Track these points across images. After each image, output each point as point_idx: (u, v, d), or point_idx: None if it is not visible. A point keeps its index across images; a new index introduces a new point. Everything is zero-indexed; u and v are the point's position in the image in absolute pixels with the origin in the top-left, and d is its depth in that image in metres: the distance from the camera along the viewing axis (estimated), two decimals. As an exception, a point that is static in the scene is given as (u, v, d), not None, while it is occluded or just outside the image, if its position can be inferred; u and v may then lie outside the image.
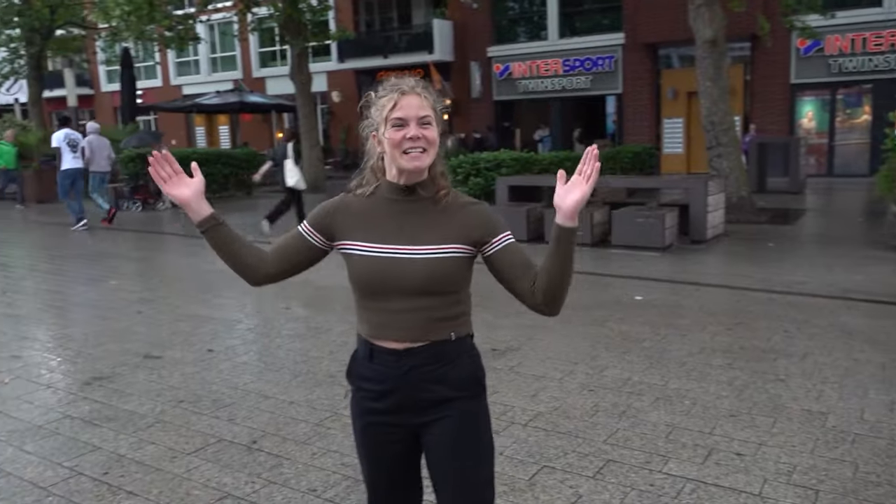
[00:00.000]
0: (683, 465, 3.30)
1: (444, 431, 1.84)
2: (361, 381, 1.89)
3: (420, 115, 1.76)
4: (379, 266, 1.79)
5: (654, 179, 13.83)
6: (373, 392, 1.87)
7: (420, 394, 1.83)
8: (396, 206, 1.82)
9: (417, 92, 1.78)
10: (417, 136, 1.74)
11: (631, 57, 21.37)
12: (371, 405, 1.88)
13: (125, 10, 15.83)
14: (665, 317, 5.91)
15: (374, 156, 1.86)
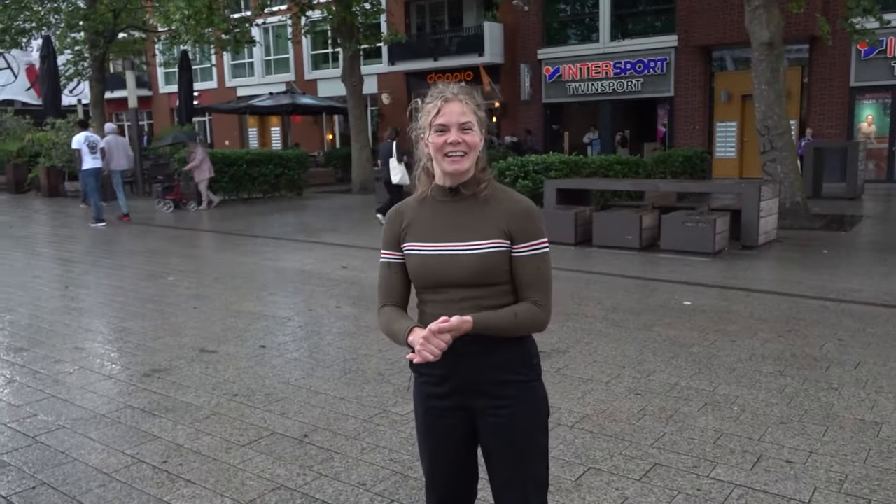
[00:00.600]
0: (731, 470, 3.28)
1: (500, 416, 1.94)
2: (424, 367, 1.97)
3: (461, 122, 1.87)
4: (434, 263, 1.91)
5: (705, 184, 13.64)
6: (433, 377, 1.98)
7: (474, 377, 1.93)
8: (444, 206, 1.95)
9: (460, 99, 1.88)
10: (458, 140, 1.86)
11: (684, 59, 21.08)
12: (432, 390, 1.99)
13: (185, 14, 16.30)
14: (714, 322, 5.85)
15: (424, 157, 1.98)
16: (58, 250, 10.63)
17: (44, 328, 6.04)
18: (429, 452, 2.07)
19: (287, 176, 18.27)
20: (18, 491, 3.22)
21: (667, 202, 11.21)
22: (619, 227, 9.43)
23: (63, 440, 3.75)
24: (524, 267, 1.91)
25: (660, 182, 12.00)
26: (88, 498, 3.14)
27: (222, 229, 12.47)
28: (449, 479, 2.07)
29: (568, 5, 23.89)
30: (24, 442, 3.74)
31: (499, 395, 1.94)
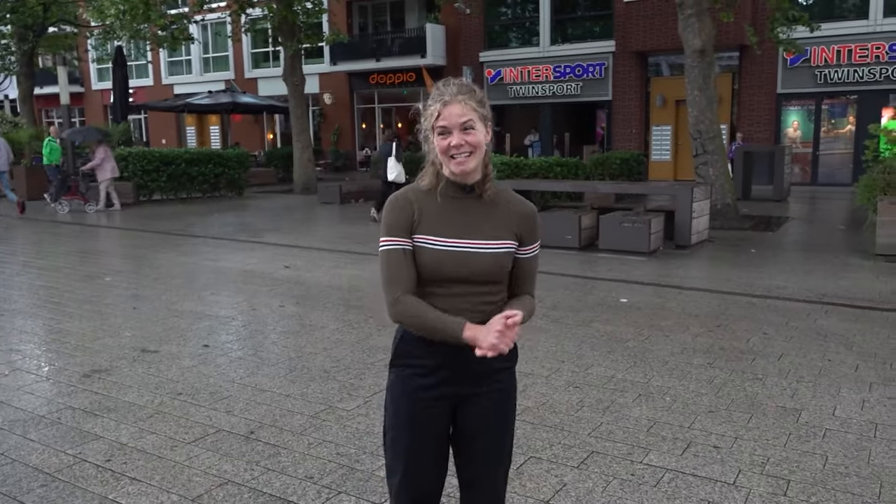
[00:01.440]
0: (663, 456, 3.47)
1: (491, 399, 2.04)
2: (411, 359, 2.00)
3: (461, 122, 1.89)
4: (448, 259, 1.93)
5: (642, 185, 14.05)
6: (424, 368, 1.99)
7: (471, 366, 1.96)
8: (458, 202, 1.98)
9: (459, 100, 1.91)
10: (461, 143, 1.90)
11: (621, 64, 21.64)
12: (420, 381, 2.00)
13: (120, 10, 15.93)
14: (649, 318, 6.09)
15: (431, 153, 2.00)
16: (-14, 251, 10.27)
17: (-25, 330, 5.87)
18: (410, 447, 2.05)
19: (227, 175, 18.01)
20: (-44, 493, 3.16)
21: (605, 203, 11.54)
22: (560, 228, 9.67)
23: (2, 442, 3.68)
24: (526, 266, 2.05)
25: (598, 184, 12.33)
26: (30, 497, 3.11)
27: (160, 229, 12.24)
28: (429, 475, 2.09)
29: (509, 9, 24.24)
30: (-41, 444, 3.66)
31: (491, 380, 2.03)
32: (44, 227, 13.06)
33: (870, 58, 18.38)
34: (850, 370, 4.69)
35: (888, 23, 18.06)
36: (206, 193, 17.90)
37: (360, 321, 6.02)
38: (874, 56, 18.33)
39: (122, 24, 17.00)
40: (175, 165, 16.80)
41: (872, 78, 18.42)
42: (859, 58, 18.51)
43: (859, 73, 18.57)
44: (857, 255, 9.01)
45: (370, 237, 10.84)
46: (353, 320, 6.05)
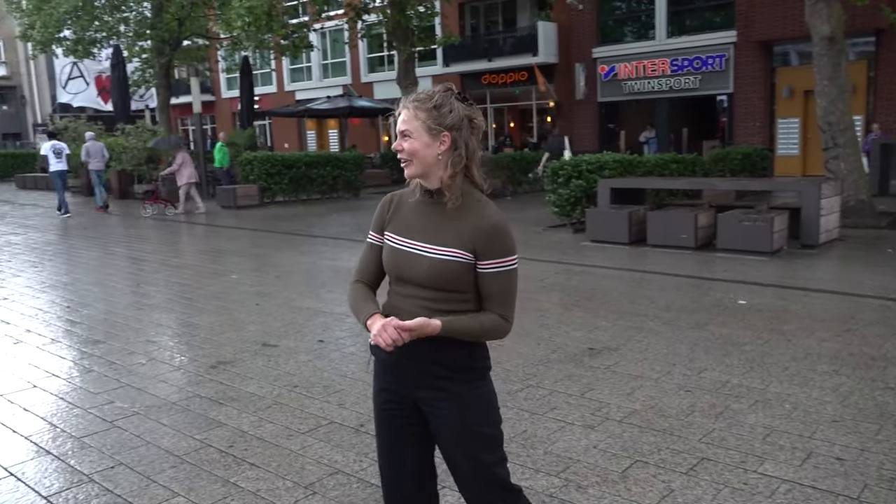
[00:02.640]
0: (780, 466, 3.31)
1: (444, 415, 2.00)
2: (375, 355, 2.05)
3: (401, 129, 1.95)
4: (399, 256, 1.99)
5: (763, 182, 13.38)
6: (383, 363, 2.05)
7: (417, 369, 1.99)
8: (425, 206, 2.01)
9: (408, 106, 1.95)
10: (399, 148, 1.96)
11: (743, 55, 20.65)
12: (381, 373, 2.09)
13: (246, 21, 16.80)
14: (769, 321, 5.81)
15: None
16: (129, 249, 11.13)
17: (118, 322, 6.40)
18: (380, 449, 2.14)
19: (344, 177, 18.64)
20: (99, 470, 3.47)
21: (725, 201, 11.07)
22: (674, 226, 9.38)
23: (138, 425, 4.01)
24: (489, 282, 1.95)
25: (716, 180, 11.84)
26: (161, 478, 3.37)
27: (282, 230, 12.83)
28: (399, 482, 2.11)
29: (623, 3, 23.67)
30: (102, 426, 4.01)
31: (439, 390, 2.00)
32: (179, 227, 14.00)
33: None
34: None
35: None
36: (325, 195, 18.59)
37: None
38: None
39: (247, 35, 17.92)
40: (296, 168, 17.56)
41: None
42: None
43: None
44: None
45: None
46: (461, 319, 6.13)
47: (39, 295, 7.67)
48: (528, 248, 9.71)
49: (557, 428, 3.82)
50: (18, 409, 4.32)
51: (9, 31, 42.07)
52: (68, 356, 5.43)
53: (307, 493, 3.19)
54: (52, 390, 4.66)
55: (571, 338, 5.48)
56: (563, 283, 7.63)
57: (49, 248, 11.35)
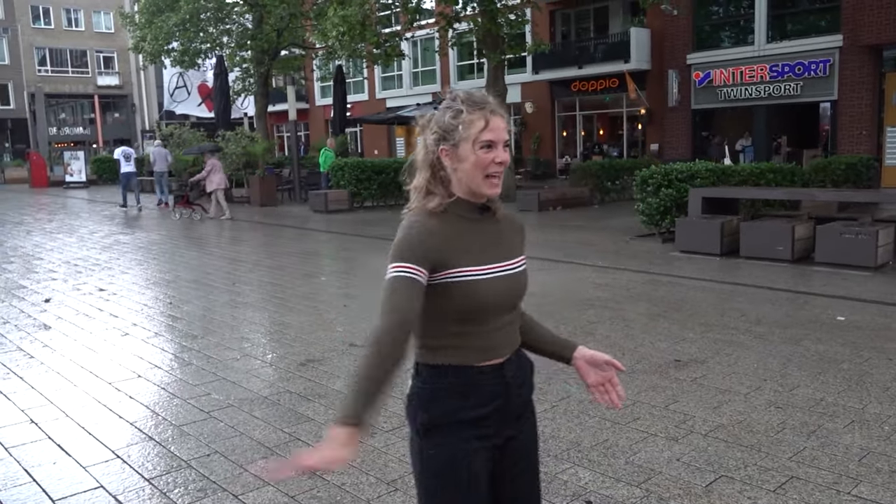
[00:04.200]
0: (876, 489, 3.17)
1: (527, 437, 1.89)
2: (456, 414, 1.73)
3: (505, 139, 1.74)
4: (497, 286, 1.74)
5: (869, 193, 12.71)
6: (475, 420, 1.74)
7: (516, 401, 1.83)
8: (473, 224, 1.76)
9: (501, 114, 1.74)
10: (505, 159, 1.72)
11: (849, 60, 19.67)
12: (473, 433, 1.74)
13: (341, 31, 17.31)
14: (870, 339, 5.53)
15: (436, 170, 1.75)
16: (225, 250, 11.66)
17: (215, 319, 6.73)
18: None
19: (430, 183, 18.84)
20: (196, 457, 3.68)
21: (825, 212, 10.59)
22: (770, 238, 9.05)
23: (232, 416, 4.22)
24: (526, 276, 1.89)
25: (816, 191, 11.34)
26: (253, 467, 3.54)
27: (371, 234, 13.13)
28: None
29: (720, 7, 23.00)
30: (200, 416, 4.25)
31: (527, 417, 1.89)
32: (274, 229, 14.54)
33: None
34: None
35: None
36: (412, 201, 18.87)
37: (551, 328, 6.07)
38: None
39: (342, 45, 18.48)
40: (385, 174, 17.92)
41: None
42: None
43: None
44: None
45: (564, 245, 10.85)
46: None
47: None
48: (616, 258, 9.58)
49: (640, 438, 3.77)
50: (125, 397, 4.63)
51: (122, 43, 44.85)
52: (170, 349, 5.76)
53: (389, 490, 3.28)
54: (155, 381, 4.95)
55: (657, 349, 5.39)
56: (649, 293, 7.49)
57: (154, 247, 12.04)
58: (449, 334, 1.72)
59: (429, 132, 1.76)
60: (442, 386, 1.74)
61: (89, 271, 9.59)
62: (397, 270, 1.65)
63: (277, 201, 20.20)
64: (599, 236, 11.84)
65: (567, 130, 27.64)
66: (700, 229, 9.72)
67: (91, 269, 9.72)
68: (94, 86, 50.43)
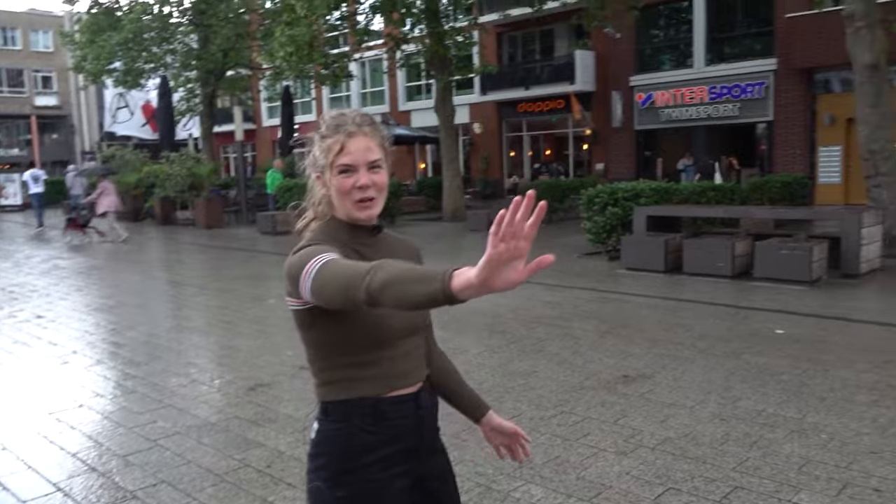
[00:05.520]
0: (815, 496, 3.28)
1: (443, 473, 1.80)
2: (365, 455, 1.60)
3: (369, 160, 1.59)
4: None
5: (803, 210, 13.19)
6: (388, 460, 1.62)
7: (430, 434, 1.74)
8: (373, 249, 1.66)
9: (365, 132, 1.59)
10: (367, 183, 1.58)
11: (784, 83, 20.49)
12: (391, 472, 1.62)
13: (289, 51, 17.25)
14: (807, 351, 5.74)
15: (318, 197, 1.69)
16: (170, 273, 11.43)
17: (160, 344, 6.58)
18: None
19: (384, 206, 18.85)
20: (142, 487, 3.59)
21: (763, 229, 10.96)
22: (711, 255, 9.31)
23: (179, 444, 4.13)
24: None
25: (754, 209, 11.74)
26: (202, 496, 3.47)
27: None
28: None
29: (661, 31, 23.73)
30: (145, 445, 4.14)
31: (439, 451, 1.80)
32: (220, 252, 14.31)
33: None
34: None
35: None
36: (362, 221, 18.82)
37: (501, 346, 6.13)
38: None
39: (289, 65, 18.40)
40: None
41: None
42: None
43: None
44: None
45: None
46: (494, 345, 6.17)
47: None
48: (564, 276, 9.72)
49: (590, 454, 3.83)
50: (66, 427, 4.48)
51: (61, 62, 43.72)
52: (113, 377, 5.61)
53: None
54: (98, 409, 4.82)
55: (605, 365, 5.48)
56: (597, 310, 7.63)
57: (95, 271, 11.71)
58: (353, 364, 1.59)
59: (308, 159, 1.69)
60: (351, 424, 1.59)
61: (26, 298, 9.28)
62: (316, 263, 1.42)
63: (224, 223, 19.91)
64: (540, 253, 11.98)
65: (515, 150, 28.01)
66: (645, 247, 9.95)
67: (28, 296, 9.42)
68: (31, 106, 48.97)
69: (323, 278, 1.40)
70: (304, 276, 1.44)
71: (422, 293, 1.25)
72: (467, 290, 1.21)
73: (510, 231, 1.19)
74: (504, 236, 1.18)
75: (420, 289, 1.25)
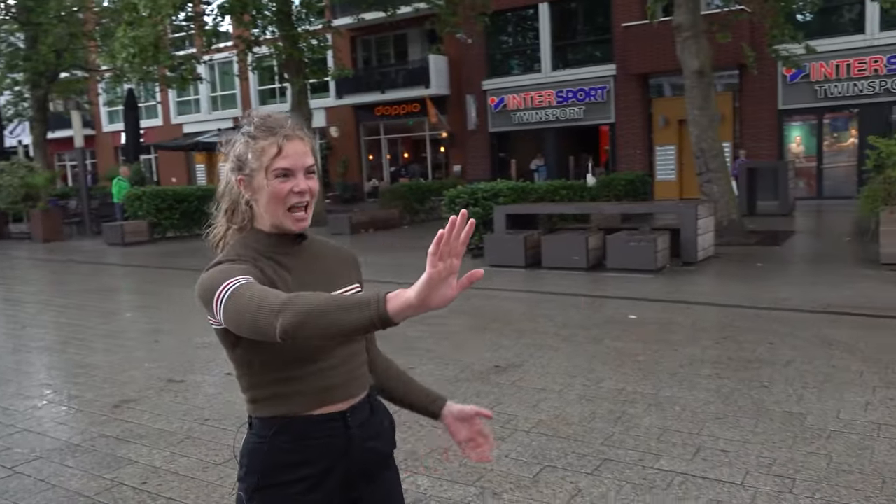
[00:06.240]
0: (674, 461, 3.61)
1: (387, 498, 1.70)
2: (286, 473, 1.55)
3: (307, 165, 1.55)
4: None
5: (646, 205, 14.24)
6: (309, 480, 1.55)
7: (364, 455, 1.63)
8: (295, 258, 1.60)
9: (300, 136, 1.55)
10: (305, 189, 1.54)
11: (622, 87, 21.97)
12: (307, 497, 1.55)
13: (131, 53, 16.35)
14: (657, 333, 6.24)
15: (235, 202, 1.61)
16: (8, 291, 10.53)
17: (6, 367, 6.09)
18: None
19: (238, 211, 18.32)
20: (4, 516, 3.34)
21: (611, 224, 11.72)
22: (567, 249, 9.86)
23: (41, 469, 3.87)
24: None
25: (604, 205, 12.53)
26: None
27: (177, 266, 12.49)
28: None
29: (510, 37, 24.69)
30: (2, 473, 3.85)
31: (382, 474, 1.69)
32: (63, 266, 13.34)
33: (868, 71, 18.62)
34: (855, 375, 4.83)
35: (885, 36, 18.31)
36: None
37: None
38: (873, 69, 18.56)
39: (132, 67, 17.44)
40: (188, 203, 17.13)
41: (872, 91, 18.63)
42: (858, 72, 18.74)
43: (859, 87, 18.79)
44: (862, 265, 9.14)
45: (381, 266, 11.04)
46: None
47: (-87, 343, 7.17)
48: (430, 275, 9.89)
49: (470, 442, 3.98)
50: None
51: None
52: (-46, 404, 5.14)
53: (229, 522, 3.20)
54: (-60, 440, 4.40)
55: (478, 357, 5.69)
56: (467, 306, 7.87)
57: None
58: (275, 381, 1.53)
59: (228, 161, 1.59)
60: (273, 441, 1.55)
61: None
62: (227, 288, 1.38)
63: (64, 236, 18.55)
64: (413, 256, 12.14)
65: (373, 154, 28.09)
66: (506, 244, 10.36)
67: None
68: None
69: (234, 310, 1.36)
70: (216, 303, 1.40)
71: (351, 321, 1.24)
72: (406, 311, 1.22)
73: (447, 249, 1.22)
74: (442, 255, 1.22)
75: (349, 317, 1.24)
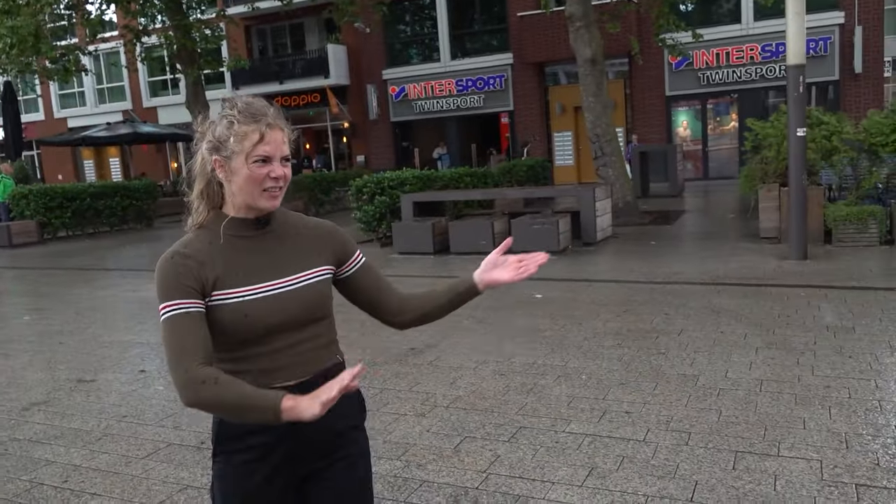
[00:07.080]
0: (582, 424, 3.90)
1: (340, 472, 1.76)
2: (239, 441, 1.67)
3: (283, 153, 1.65)
4: (267, 306, 1.63)
5: (547, 189, 14.72)
6: (258, 449, 1.66)
7: (314, 433, 1.68)
8: (248, 241, 1.68)
9: (280, 126, 1.65)
10: (281, 175, 1.64)
11: (520, 75, 22.51)
12: (255, 467, 1.67)
13: (9, 43, 15.44)
14: (563, 310, 6.59)
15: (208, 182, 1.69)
16: None
17: None
18: None
19: (135, 207, 17.72)
20: (-83, 525, 3.24)
21: (515, 208, 12.10)
22: (474, 234, 10.13)
23: (-49, 476, 3.75)
24: (371, 269, 1.86)
25: (507, 190, 12.91)
26: None
27: (72, 265, 11.97)
28: None
29: (408, 26, 24.79)
30: None
31: (337, 453, 1.75)
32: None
33: (745, 59, 19.87)
34: (740, 339, 5.29)
35: (758, 26, 19.58)
36: (115, 227, 17.52)
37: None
38: (749, 57, 19.83)
39: (10, 59, 16.46)
40: (80, 200, 16.39)
41: (749, 77, 19.90)
42: (736, 59, 19.97)
43: (737, 74, 20.02)
44: (745, 239, 9.87)
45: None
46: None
47: None
48: (340, 265, 9.94)
49: (392, 420, 4.15)
50: None
51: None
52: None
53: (159, 511, 3.23)
54: None
55: (393, 341, 5.85)
56: (377, 293, 7.99)
57: None
58: (230, 358, 1.64)
59: (204, 141, 1.66)
60: None
61: None
62: (166, 311, 1.57)
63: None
64: (321, 246, 12.14)
65: (274, 145, 27.57)
66: (414, 232, 10.53)
67: None
68: None
69: (163, 335, 1.58)
70: (159, 309, 1.60)
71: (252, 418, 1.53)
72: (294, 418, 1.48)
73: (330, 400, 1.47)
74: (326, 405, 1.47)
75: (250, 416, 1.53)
